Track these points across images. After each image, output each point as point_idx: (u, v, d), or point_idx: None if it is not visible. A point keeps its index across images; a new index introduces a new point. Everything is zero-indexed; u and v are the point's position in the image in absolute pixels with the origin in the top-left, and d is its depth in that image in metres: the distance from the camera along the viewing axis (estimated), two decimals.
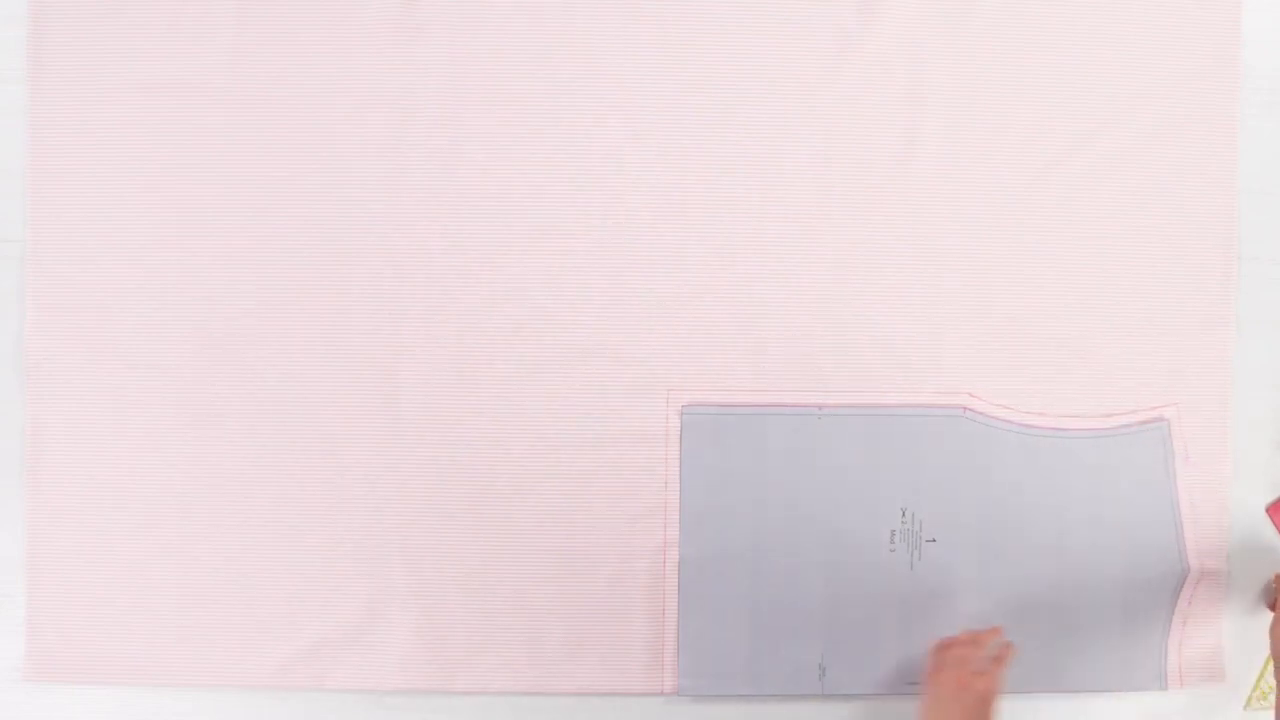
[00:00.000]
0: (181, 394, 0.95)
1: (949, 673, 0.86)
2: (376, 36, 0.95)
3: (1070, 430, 0.97)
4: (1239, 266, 0.99)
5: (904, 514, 0.95)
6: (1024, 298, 0.97)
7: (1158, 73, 0.98)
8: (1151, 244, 0.98)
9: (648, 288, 0.96)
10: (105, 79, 0.95)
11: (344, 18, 0.95)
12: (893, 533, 0.95)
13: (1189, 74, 0.98)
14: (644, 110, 0.96)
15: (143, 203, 0.95)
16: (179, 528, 0.95)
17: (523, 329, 0.96)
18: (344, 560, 0.95)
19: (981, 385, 0.97)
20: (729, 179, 0.96)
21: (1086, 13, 0.97)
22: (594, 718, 0.96)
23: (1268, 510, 0.99)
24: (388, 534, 0.95)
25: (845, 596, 0.95)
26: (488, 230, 0.96)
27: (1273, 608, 0.95)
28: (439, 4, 0.95)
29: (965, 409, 0.95)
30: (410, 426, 0.95)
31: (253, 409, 0.95)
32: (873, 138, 0.97)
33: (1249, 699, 0.99)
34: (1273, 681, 0.98)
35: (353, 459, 0.95)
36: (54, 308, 0.95)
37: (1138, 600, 0.97)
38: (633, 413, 0.96)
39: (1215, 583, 0.98)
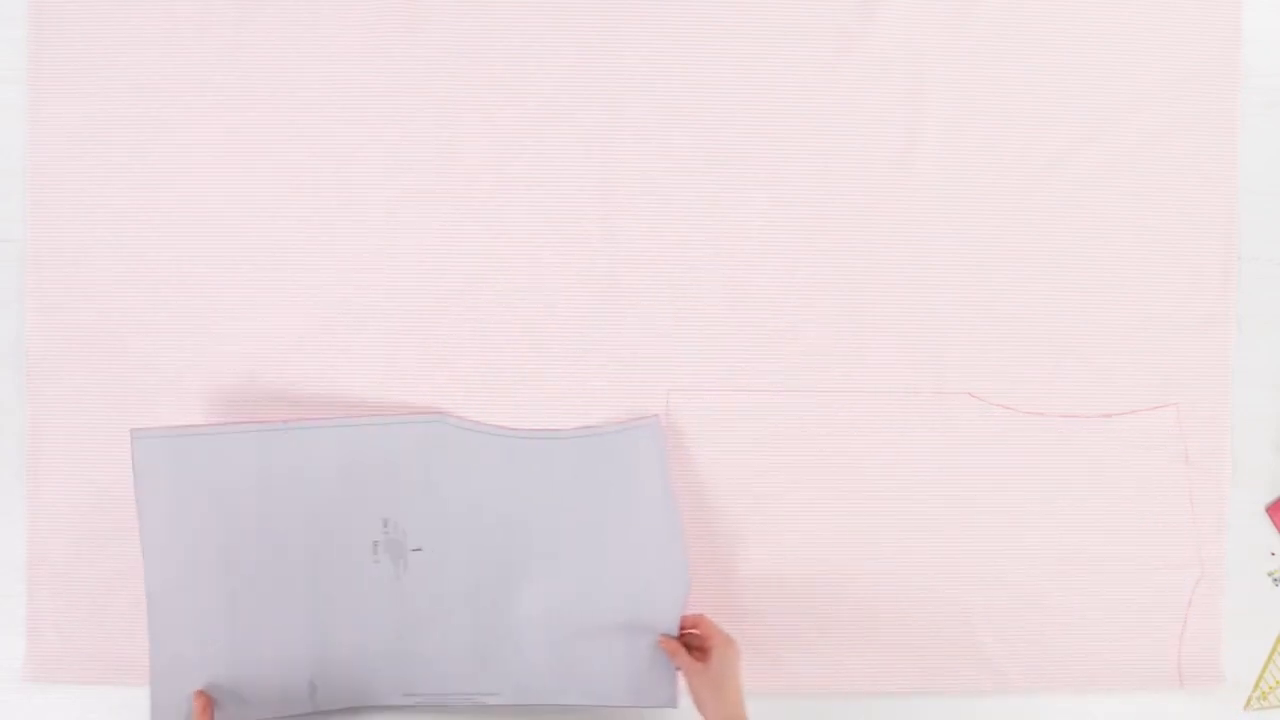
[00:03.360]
0: (181, 394, 0.95)
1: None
2: (376, 37, 0.95)
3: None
4: (1239, 266, 0.99)
5: (386, 524, 0.91)
6: (1024, 297, 0.97)
7: (1158, 73, 0.98)
8: (1151, 244, 0.98)
9: (648, 287, 0.96)
10: (105, 79, 0.95)
11: (344, 17, 0.95)
12: (375, 544, 0.92)
13: (1189, 74, 0.98)
14: (644, 110, 0.96)
15: (142, 202, 0.95)
16: None
17: (518, 329, 0.96)
18: None
19: (982, 384, 0.97)
20: (729, 178, 0.96)
21: (1086, 13, 0.97)
22: None
23: (1268, 510, 0.99)
24: None
25: (333, 611, 0.91)
26: (487, 231, 0.96)
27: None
28: (439, 5, 0.96)
29: (443, 413, 0.92)
30: None
31: (251, 408, 0.95)
32: (873, 138, 0.97)
33: (1249, 699, 0.99)
34: (1273, 682, 0.99)
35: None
36: (54, 308, 0.95)
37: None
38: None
39: (1215, 583, 0.98)
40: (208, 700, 0.88)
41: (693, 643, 0.91)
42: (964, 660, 0.96)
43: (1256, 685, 0.99)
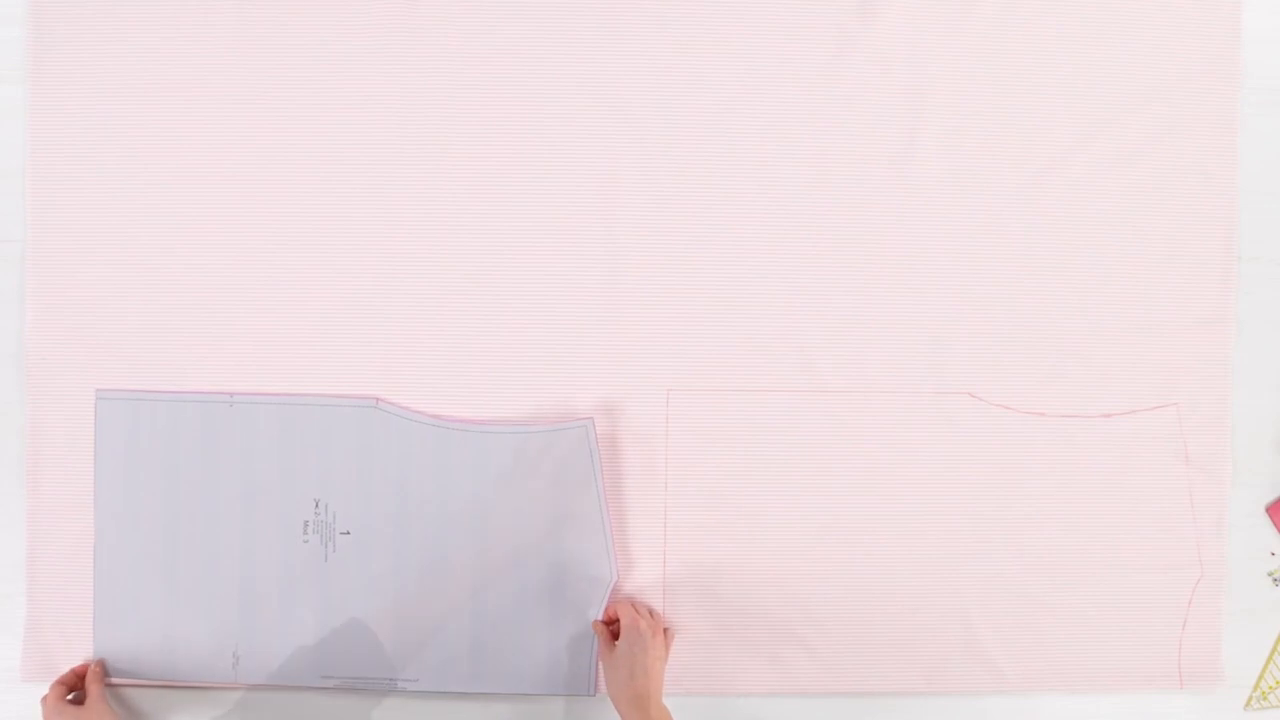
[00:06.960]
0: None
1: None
2: (376, 37, 0.95)
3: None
4: (1239, 266, 0.99)
5: (317, 505, 0.94)
6: (1024, 297, 0.97)
7: (1158, 73, 0.98)
8: (1151, 244, 0.98)
9: (648, 287, 0.96)
10: (105, 79, 0.95)
11: (344, 18, 0.95)
12: (306, 523, 0.94)
13: (1189, 74, 0.98)
14: (645, 111, 0.96)
15: (142, 202, 0.95)
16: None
17: (514, 326, 0.96)
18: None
19: (982, 384, 0.97)
20: (730, 178, 0.96)
21: (1086, 13, 0.97)
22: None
23: (1268, 510, 0.99)
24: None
25: (261, 586, 0.94)
26: (487, 231, 0.96)
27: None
28: (439, 5, 0.96)
29: (378, 400, 0.94)
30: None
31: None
32: (872, 138, 0.97)
33: (1249, 699, 0.99)
34: (1273, 682, 0.99)
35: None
36: (54, 308, 0.95)
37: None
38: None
39: (1215, 583, 0.98)
40: (100, 667, 0.93)
41: (616, 630, 0.93)
42: (964, 660, 0.96)
43: (1256, 685, 0.99)
